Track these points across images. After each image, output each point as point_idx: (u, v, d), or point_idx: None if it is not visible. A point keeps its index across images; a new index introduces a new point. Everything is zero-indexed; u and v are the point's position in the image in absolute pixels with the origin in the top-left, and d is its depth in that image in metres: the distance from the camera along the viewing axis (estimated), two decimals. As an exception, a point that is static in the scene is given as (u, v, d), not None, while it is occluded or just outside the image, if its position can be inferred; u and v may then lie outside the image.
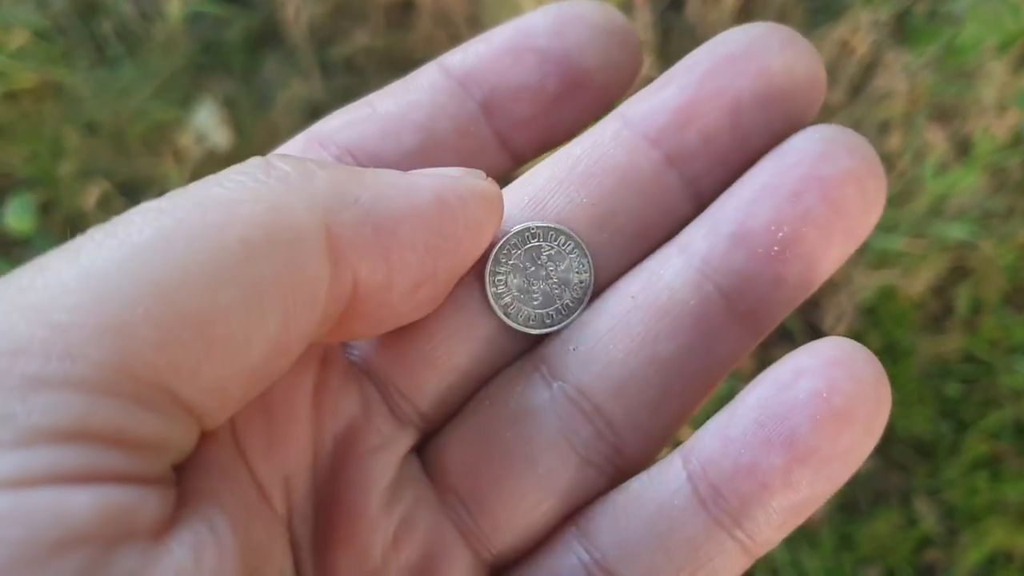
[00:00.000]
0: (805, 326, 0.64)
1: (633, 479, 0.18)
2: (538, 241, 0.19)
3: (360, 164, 0.19)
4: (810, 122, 0.19)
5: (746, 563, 0.17)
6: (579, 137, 0.20)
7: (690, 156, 0.19)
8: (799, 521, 0.17)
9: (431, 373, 0.18)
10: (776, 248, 0.18)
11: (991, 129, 0.63)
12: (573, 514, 0.18)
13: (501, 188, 0.19)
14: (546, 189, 0.19)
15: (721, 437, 0.17)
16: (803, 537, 0.60)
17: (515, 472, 0.18)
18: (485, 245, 0.17)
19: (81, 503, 0.12)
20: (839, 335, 0.17)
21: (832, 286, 0.64)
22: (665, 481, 0.17)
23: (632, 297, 0.19)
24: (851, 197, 0.18)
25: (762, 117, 0.18)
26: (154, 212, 0.13)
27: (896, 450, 0.63)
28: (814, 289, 0.18)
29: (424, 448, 0.19)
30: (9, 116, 0.66)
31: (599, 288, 0.19)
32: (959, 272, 0.65)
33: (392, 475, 0.18)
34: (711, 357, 0.18)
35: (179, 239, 0.13)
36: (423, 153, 0.19)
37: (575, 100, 0.19)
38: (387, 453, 0.18)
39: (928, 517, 0.61)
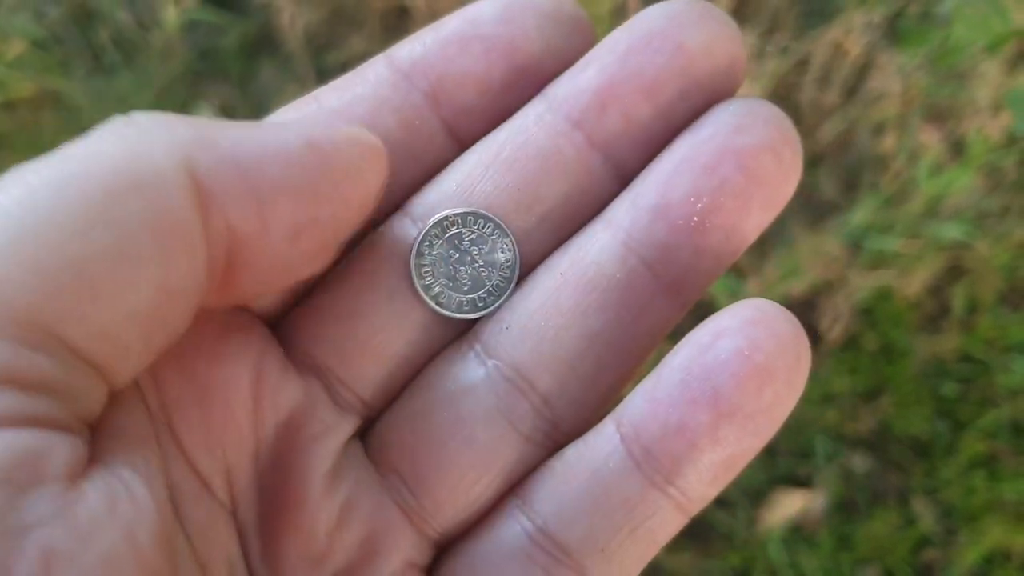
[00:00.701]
0: (802, 327, 0.64)
1: (569, 447, 0.19)
2: (458, 228, 0.19)
3: None
4: (731, 96, 0.19)
5: (681, 520, 0.18)
6: (505, 122, 0.20)
7: (612, 137, 0.19)
8: (731, 476, 0.18)
9: (370, 362, 0.19)
10: (695, 219, 0.18)
11: (985, 129, 0.64)
12: (514, 486, 0.19)
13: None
14: (473, 175, 0.19)
15: (649, 400, 0.18)
16: (801, 538, 0.60)
17: (454, 450, 0.18)
18: (371, 193, 0.17)
19: None
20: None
21: (828, 287, 0.64)
22: (599, 446, 0.18)
23: (561, 274, 0.19)
24: (767, 166, 0.18)
25: (681, 95, 0.19)
26: (20, 172, 0.14)
27: (893, 450, 0.63)
28: (735, 258, 0.19)
29: (366, 433, 0.19)
30: (7, 126, 0.67)
31: (530, 270, 0.20)
32: (955, 272, 0.66)
33: (333, 461, 0.18)
34: (640, 329, 0.19)
35: (44, 191, 0.13)
36: None
37: (523, 87, 0.20)
38: (328, 440, 0.18)
39: (926, 517, 0.61)
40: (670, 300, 0.19)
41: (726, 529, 0.60)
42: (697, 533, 0.60)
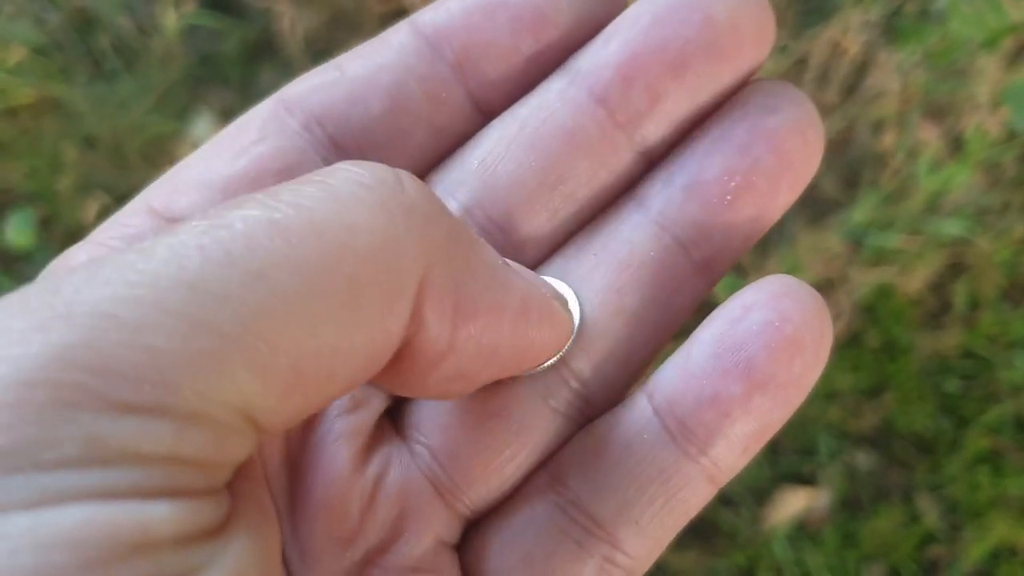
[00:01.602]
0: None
1: (599, 420, 0.18)
2: None
3: (327, 131, 0.19)
4: (757, 71, 0.19)
5: (712, 491, 0.18)
6: (527, 95, 0.19)
7: (636, 114, 0.19)
8: (759, 446, 0.18)
9: None
10: (729, 198, 0.18)
11: (984, 126, 0.64)
12: (545, 461, 0.19)
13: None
14: (495, 152, 0.19)
15: (682, 372, 0.18)
16: (806, 536, 0.60)
17: (490, 428, 0.18)
18: (533, 367, 0.17)
19: (160, 513, 0.11)
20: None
21: (830, 285, 0.64)
22: (633, 419, 0.18)
23: (594, 255, 0.19)
24: (796, 147, 0.18)
25: (707, 69, 0.18)
26: (265, 225, 0.12)
27: (897, 447, 0.63)
28: (760, 236, 0.19)
29: (397, 410, 0.19)
30: (8, 132, 0.67)
31: (555, 249, 0.19)
32: (956, 268, 0.66)
33: (365, 437, 0.18)
34: (672, 306, 0.19)
35: (287, 267, 0.12)
36: (392, 118, 0.19)
37: (550, 59, 0.19)
38: (360, 416, 0.18)
39: (930, 513, 0.61)
40: (701, 278, 0.19)
41: (731, 528, 0.60)
42: (702, 532, 0.60)
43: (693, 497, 0.18)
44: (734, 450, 0.17)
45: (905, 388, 0.63)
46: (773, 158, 0.18)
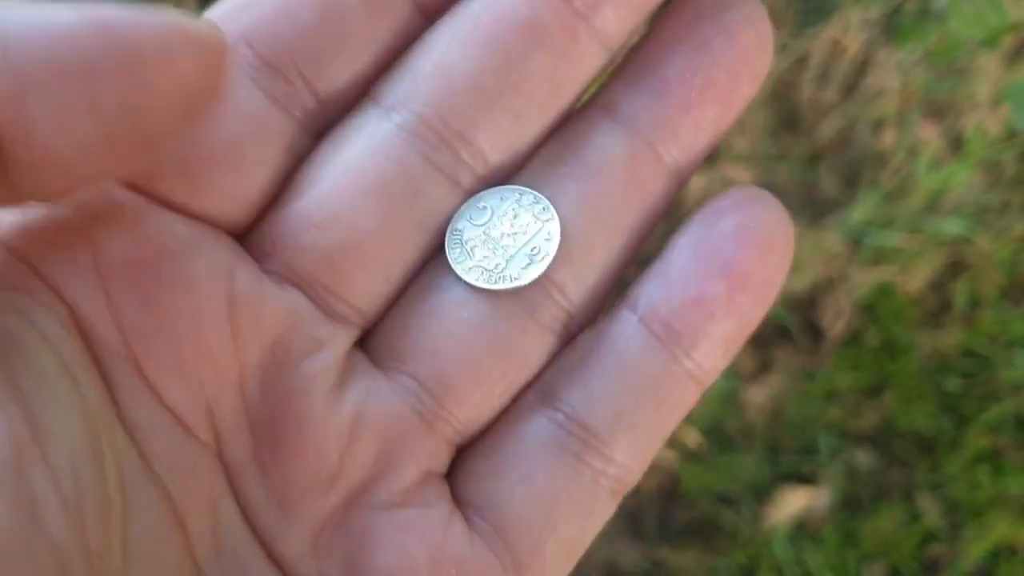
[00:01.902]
0: (804, 324, 0.64)
1: (583, 335, 0.18)
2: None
3: (255, 51, 0.17)
4: None
5: (697, 395, 0.18)
6: None
7: (596, 3, 0.18)
8: (738, 347, 0.18)
9: (363, 268, 0.17)
10: (694, 93, 0.18)
11: (984, 124, 0.64)
12: (532, 380, 0.18)
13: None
14: (450, 55, 0.18)
15: (664, 279, 0.18)
16: (806, 535, 0.60)
17: (480, 350, 0.18)
18: (188, 84, 0.14)
19: None
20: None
21: (830, 284, 0.64)
22: (618, 330, 0.18)
23: (565, 164, 0.18)
24: (752, 40, 0.18)
25: None
26: None
27: (897, 446, 0.63)
28: (726, 133, 0.19)
29: (369, 340, 0.18)
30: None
31: (528, 157, 0.19)
32: (956, 267, 0.66)
33: (335, 375, 0.17)
34: (646, 212, 0.19)
35: None
36: (326, 28, 0.17)
37: None
38: (325, 355, 0.17)
39: (931, 512, 0.61)
40: (671, 179, 0.19)
41: (731, 527, 0.60)
42: (702, 531, 0.60)
43: (682, 401, 0.18)
44: (717, 350, 0.18)
45: (905, 387, 0.63)
46: (733, 52, 0.18)
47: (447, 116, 0.18)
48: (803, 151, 0.67)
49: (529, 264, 0.18)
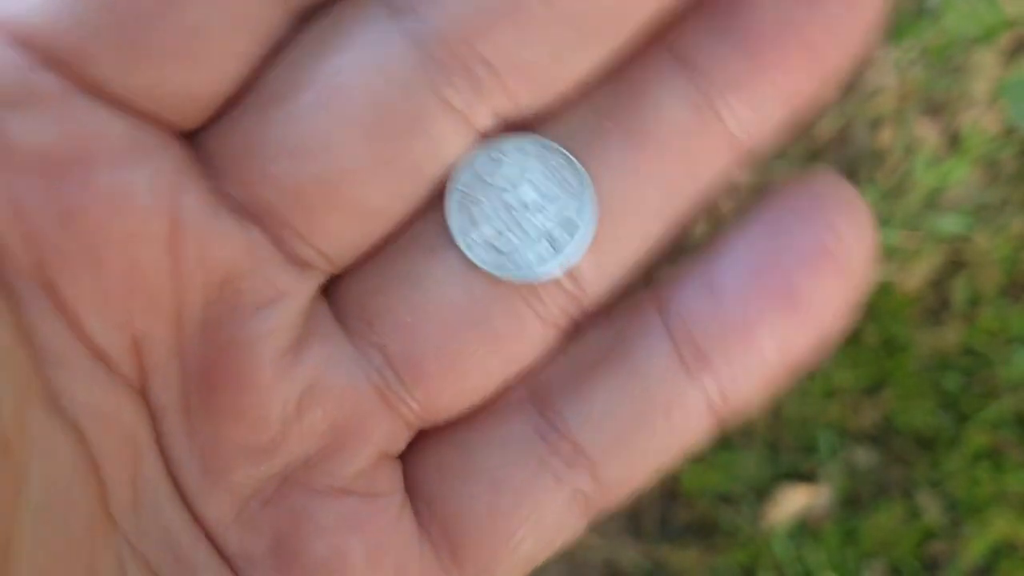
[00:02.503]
0: (803, 323, 0.64)
1: (597, 332, 0.15)
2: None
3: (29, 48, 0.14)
4: None
5: (716, 427, 0.15)
6: None
7: None
8: (779, 384, 0.15)
9: (337, 208, 0.14)
10: (785, 52, 0.14)
11: (982, 122, 0.64)
12: (525, 375, 0.16)
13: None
14: None
15: (707, 291, 0.15)
16: (807, 533, 0.60)
17: (464, 337, 0.15)
18: None
19: None
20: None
21: (828, 282, 0.64)
22: (639, 338, 0.15)
23: (612, 120, 0.15)
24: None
25: None
26: None
27: (897, 444, 0.63)
28: (802, 108, 0.16)
29: (337, 289, 0.15)
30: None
31: None
32: (955, 265, 0.66)
33: (293, 334, 0.15)
34: (696, 192, 0.15)
35: None
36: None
37: None
38: (282, 309, 0.14)
39: (931, 510, 0.61)
40: (732, 156, 0.15)
41: (731, 526, 0.60)
42: (702, 530, 0.60)
43: (697, 432, 0.15)
44: (751, 386, 0.15)
45: (905, 385, 0.63)
46: (839, 8, 0.15)
47: (471, 33, 0.14)
48: (801, 149, 0.67)
49: (549, 258, 0.15)
